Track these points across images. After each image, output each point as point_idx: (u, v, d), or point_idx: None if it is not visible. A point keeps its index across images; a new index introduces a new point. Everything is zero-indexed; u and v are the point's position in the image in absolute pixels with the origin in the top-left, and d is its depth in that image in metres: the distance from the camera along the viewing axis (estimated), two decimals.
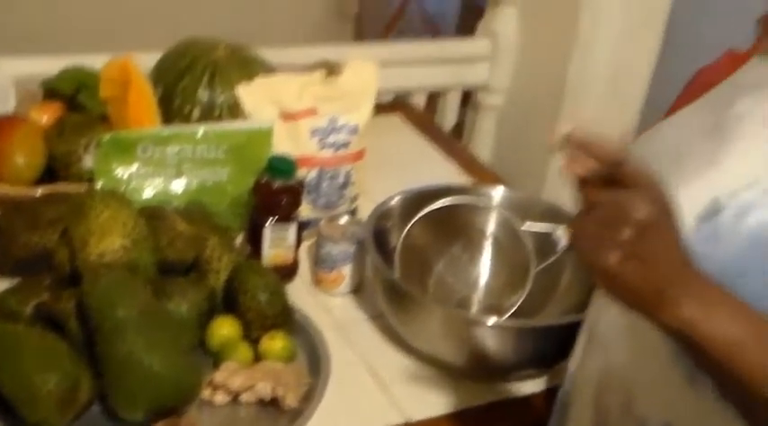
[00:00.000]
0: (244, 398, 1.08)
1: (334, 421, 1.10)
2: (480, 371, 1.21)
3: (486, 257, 1.39)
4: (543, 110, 2.01)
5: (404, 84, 2.06)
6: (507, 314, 1.25)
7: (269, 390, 1.08)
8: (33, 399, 0.98)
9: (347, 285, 1.36)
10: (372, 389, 1.19)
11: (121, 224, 1.12)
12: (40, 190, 1.32)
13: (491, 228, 1.38)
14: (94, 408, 1.06)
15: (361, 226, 1.35)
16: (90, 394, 1.03)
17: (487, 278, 1.38)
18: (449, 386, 1.21)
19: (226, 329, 1.16)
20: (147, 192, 1.35)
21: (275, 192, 1.31)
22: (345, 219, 1.39)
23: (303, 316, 1.23)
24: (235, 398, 1.09)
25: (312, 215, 1.43)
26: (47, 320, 1.08)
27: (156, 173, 1.35)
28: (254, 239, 1.33)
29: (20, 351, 1.00)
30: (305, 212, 1.39)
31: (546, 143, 0.76)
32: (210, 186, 1.39)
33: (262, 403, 1.09)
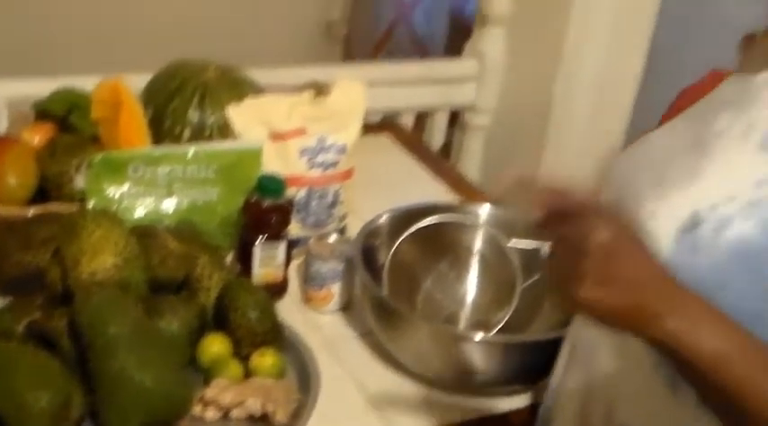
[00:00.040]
0: (234, 414, 1.09)
1: None
2: (468, 387, 1.22)
3: (474, 274, 1.40)
4: (530, 129, 2.03)
5: (392, 105, 2.07)
6: (494, 329, 1.26)
7: (259, 406, 1.09)
8: (26, 416, 0.98)
9: (336, 303, 1.37)
10: (361, 405, 1.20)
11: (113, 243, 1.13)
12: (32, 210, 1.33)
13: (478, 245, 1.39)
14: (86, 425, 1.06)
15: (349, 244, 1.36)
16: (82, 410, 1.04)
17: (475, 294, 1.40)
18: (437, 402, 1.22)
19: (216, 346, 1.16)
20: (139, 212, 1.36)
21: (265, 211, 1.32)
22: (334, 238, 1.40)
23: (293, 334, 1.24)
24: (225, 414, 1.09)
25: (301, 233, 1.44)
26: (39, 338, 1.08)
27: (147, 192, 1.37)
28: (243, 257, 1.34)
29: (12, 369, 1.01)
30: (294, 231, 1.40)
31: (492, 193, 0.78)
32: (201, 205, 1.40)
33: (252, 420, 1.10)
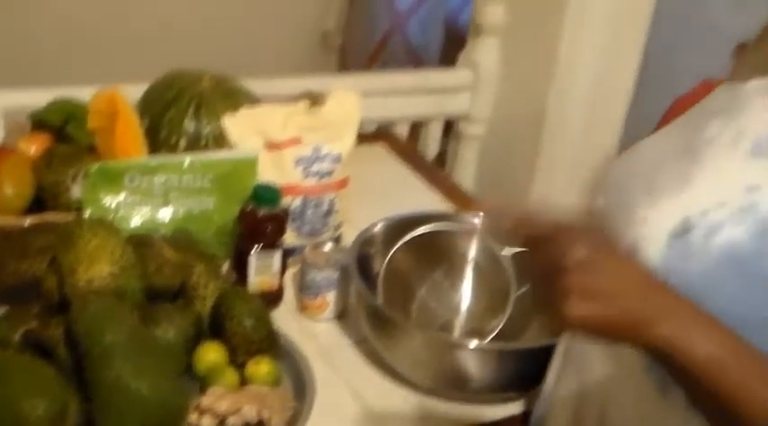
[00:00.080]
0: (230, 422, 1.09)
1: None
2: (462, 394, 1.23)
3: (468, 282, 1.40)
4: (524, 139, 2.04)
5: (387, 114, 2.08)
6: (489, 337, 1.27)
7: (255, 413, 1.09)
8: (22, 424, 0.98)
9: (331, 311, 1.37)
10: (356, 413, 1.21)
11: (109, 252, 1.14)
12: (28, 220, 1.33)
13: (472, 254, 1.40)
14: None
15: (344, 253, 1.37)
16: (78, 419, 1.04)
17: (469, 302, 1.40)
18: (432, 409, 1.22)
19: (212, 354, 1.17)
20: (135, 221, 1.37)
21: (260, 220, 1.32)
22: (329, 247, 1.41)
23: (288, 342, 1.25)
24: (221, 422, 1.10)
25: (297, 242, 1.45)
26: (36, 346, 1.09)
27: (144, 202, 1.37)
28: (239, 266, 1.34)
29: (9, 377, 1.01)
30: (290, 240, 1.41)
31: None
32: (197, 214, 1.40)
33: None
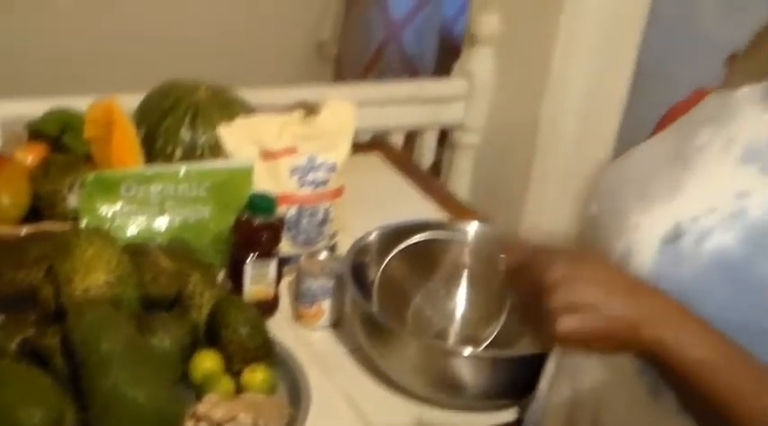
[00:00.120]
0: None
1: None
2: (457, 402, 1.23)
3: (463, 290, 1.41)
4: (518, 148, 2.04)
5: (382, 124, 2.08)
6: (483, 345, 1.28)
7: (250, 421, 1.09)
8: None
9: (327, 319, 1.38)
10: (351, 420, 1.21)
11: (106, 260, 1.14)
12: (25, 229, 1.34)
13: (467, 262, 1.41)
14: None
15: (339, 261, 1.37)
16: None
17: (464, 310, 1.41)
18: (426, 417, 1.23)
19: (208, 362, 1.17)
20: (131, 230, 1.37)
21: (256, 229, 1.33)
22: (325, 255, 1.41)
23: (284, 350, 1.25)
24: None
25: (292, 251, 1.45)
26: (32, 355, 1.09)
27: (140, 211, 1.37)
28: (235, 275, 1.35)
29: (5, 386, 1.01)
30: (285, 248, 1.41)
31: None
32: (193, 223, 1.41)
33: None
